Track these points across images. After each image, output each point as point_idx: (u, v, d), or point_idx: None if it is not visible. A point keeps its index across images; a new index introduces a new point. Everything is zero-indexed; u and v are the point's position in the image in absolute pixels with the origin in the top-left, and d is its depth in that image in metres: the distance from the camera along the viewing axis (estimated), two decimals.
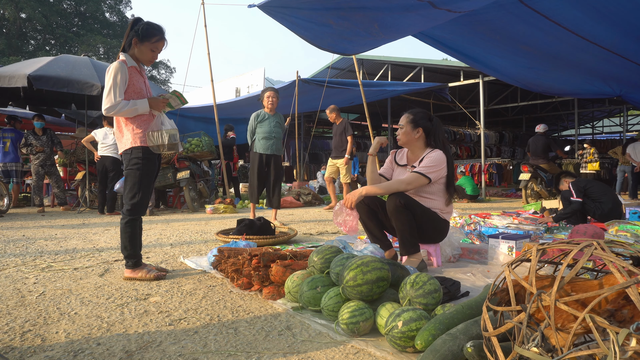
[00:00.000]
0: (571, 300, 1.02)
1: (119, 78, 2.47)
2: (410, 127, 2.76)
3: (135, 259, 2.60)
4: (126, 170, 2.60)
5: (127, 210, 2.58)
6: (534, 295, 1.07)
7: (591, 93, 8.75)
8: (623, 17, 4.62)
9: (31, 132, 7.35)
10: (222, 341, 1.67)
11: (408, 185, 2.60)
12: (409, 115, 2.80)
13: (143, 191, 2.58)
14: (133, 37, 2.54)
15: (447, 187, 2.73)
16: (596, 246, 1.09)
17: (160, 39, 2.56)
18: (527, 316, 1.06)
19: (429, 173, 2.61)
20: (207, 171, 8.72)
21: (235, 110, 11.37)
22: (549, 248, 1.19)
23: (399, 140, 2.82)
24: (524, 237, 3.18)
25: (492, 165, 12.90)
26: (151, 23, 2.55)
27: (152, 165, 2.62)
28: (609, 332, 0.92)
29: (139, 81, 2.60)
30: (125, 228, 2.58)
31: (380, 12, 4.10)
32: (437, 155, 2.67)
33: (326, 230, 4.86)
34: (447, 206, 2.75)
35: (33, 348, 1.61)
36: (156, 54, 2.60)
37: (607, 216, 4.23)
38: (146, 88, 2.66)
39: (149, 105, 2.55)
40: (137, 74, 2.60)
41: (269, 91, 5.24)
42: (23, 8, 26.20)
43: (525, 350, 1.03)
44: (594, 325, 0.95)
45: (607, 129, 23.33)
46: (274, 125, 5.15)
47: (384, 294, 1.86)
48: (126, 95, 2.52)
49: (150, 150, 2.57)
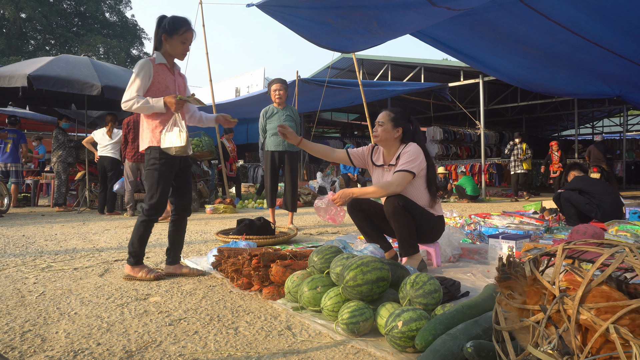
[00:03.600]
0: (596, 307, 0.97)
1: (141, 74, 2.48)
2: (391, 126, 2.70)
3: (138, 258, 2.60)
4: (145, 170, 2.61)
5: (145, 211, 2.58)
6: (556, 297, 1.03)
7: (591, 93, 8.76)
8: (623, 17, 4.62)
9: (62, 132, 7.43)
10: (222, 341, 1.67)
11: (398, 187, 2.56)
12: (390, 113, 2.74)
13: (161, 192, 2.55)
14: (162, 34, 2.54)
15: (428, 183, 2.70)
16: (628, 252, 1.02)
17: (187, 30, 2.54)
18: (545, 318, 1.02)
19: (412, 168, 2.58)
20: (207, 171, 8.72)
21: (235, 110, 11.34)
22: (575, 247, 1.13)
23: (377, 137, 2.75)
24: (524, 237, 3.18)
25: (492, 165, 12.90)
26: (176, 16, 2.55)
27: (171, 165, 2.58)
28: (632, 345, 0.88)
29: (167, 79, 2.58)
30: (139, 227, 2.58)
31: (379, 10, 4.10)
32: (413, 148, 2.65)
33: (326, 230, 4.86)
34: (434, 201, 2.72)
35: (33, 348, 1.61)
36: (187, 46, 2.58)
37: (607, 216, 4.23)
38: (176, 87, 2.63)
39: (164, 105, 2.51)
40: (165, 72, 2.59)
41: (276, 84, 4.74)
42: (23, 8, 26.22)
43: (540, 352, 1.00)
44: (617, 337, 0.91)
45: (607, 129, 23.32)
46: (284, 119, 4.66)
47: (384, 294, 1.85)
48: (150, 92, 2.52)
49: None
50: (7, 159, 7.60)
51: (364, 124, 18.12)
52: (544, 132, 22.44)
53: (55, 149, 7.36)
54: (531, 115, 17.58)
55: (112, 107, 8.17)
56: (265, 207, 7.51)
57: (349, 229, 4.83)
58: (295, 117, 4.84)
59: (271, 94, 4.76)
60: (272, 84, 4.78)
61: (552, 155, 10.61)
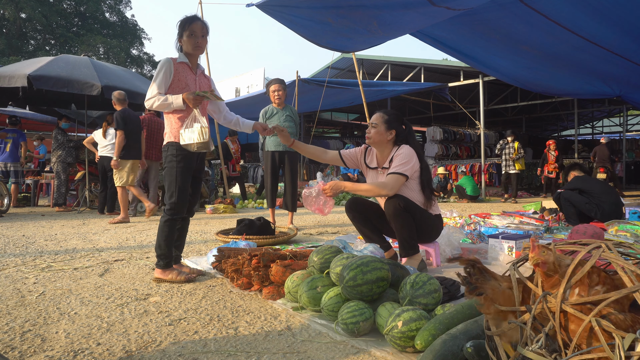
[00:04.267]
0: (578, 303, 1.00)
1: (162, 72, 2.51)
2: (384, 128, 2.68)
3: (167, 260, 2.56)
4: (164, 167, 2.59)
5: (167, 210, 2.56)
6: (539, 296, 1.06)
7: (591, 93, 8.75)
8: (623, 17, 4.62)
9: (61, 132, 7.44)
10: (222, 341, 1.67)
11: (391, 190, 2.54)
12: (384, 115, 2.72)
13: (180, 190, 2.54)
14: (179, 38, 2.59)
15: (422, 185, 2.68)
16: (604, 248, 1.07)
17: (190, 22, 2.55)
18: (531, 317, 1.05)
19: (404, 171, 2.56)
20: (207, 171, 8.72)
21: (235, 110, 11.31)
22: (556, 248, 1.17)
23: (370, 139, 2.72)
24: (524, 237, 3.18)
25: (492, 165, 12.89)
26: (184, 17, 2.58)
27: (189, 162, 2.57)
28: (615, 336, 0.91)
29: (187, 77, 2.59)
30: (163, 227, 2.55)
31: (379, 9, 4.10)
32: (406, 150, 2.63)
33: (326, 231, 4.86)
34: (429, 202, 2.71)
35: (33, 348, 1.61)
36: (197, 39, 2.56)
37: (607, 216, 4.23)
38: (197, 86, 2.63)
39: (182, 101, 2.50)
40: (186, 70, 2.60)
41: (274, 84, 4.73)
42: (23, 8, 26.22)
43: (528, 352, 1.03)
44: (600, 329, 0.93)
45: (607, 129, 23.33)
46: (284, 120, 4.64)
47: (384, 294, 1.85)
48: (171, 90, 2.54)
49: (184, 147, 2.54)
50: (7, 158, 7.60)
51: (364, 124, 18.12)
52: (544, 132, 22.44)
53: (54, 149, 7.36)
54: (531, 115, 17.59)
55: (112, 107, 8.17)
56: (265, 207, 7.51)
57: (349, 229, 4.83)
58: (295, 117, 4.83)
59: (270, 94, 4.75)
60: (270, 85, 4.77)
61: (549, 154, 10.42)
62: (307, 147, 2.95)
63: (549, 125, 21.87)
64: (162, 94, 2.50)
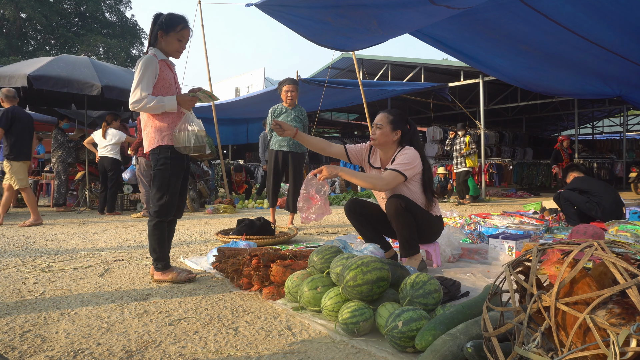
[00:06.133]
0: (572, 301, 1.01)
1: (148, 72, 2.39)
2: (390, 128, 2.65)
3: (165, 261, 2.54)
4: (154, 170, 2.50)
5: (154, 212, 2.49)
6: (534, 295, 1.07)
7: (591, 93, 8.74)
8: (623, 17, 4.61)
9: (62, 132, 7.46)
10: (222, 341, 1.67)
11: (386, 186, 2.52)
12: (389, 115, 2.68)
13: (170, 192, 2.49)
14: (158, 31, 2.48)
15: (424, 187, 2.67)
16: (597, 247, 1.09)
17: (184, 27, 2.49)
18: (527, 317, 1.05)
19: (404, 170, 2.53)
20: (207, 171, 8.72)
21: (235, 111, 11.35)
22: (549, 249, 1.19)
23: (375, 140, 2.69)
24: (524, 237, 3.18)
25: (492, 165, 12.88)
26: (173, 13, 2.50)
27: (180, 165, 2.53)
28: (609, 332, 0.92)
29: (169, 76, 2.53)
30: (153, 230, 2.50)
31: (379, 9, 4.10)
32: (410, 152, 2.60)
33: (326, 231, 4.86)
34: (430, 204, 2.69)
35: (33, 348, 1.60)
36: (183, 44, 2.52)
37: (608, 214, 4.22)
38: (176, 85, 2.58)
39: (176, 103, 2.44)
40: (167, 69, 2.53)
41: (288, 84, 4.67)
42: (23, 8, 26.21)
43: (525, 351, 1.03)
44: (594, 326, 0.94)
45: (607, 129, 23.31)
46: (291, 120, 4.61)
47: (384, 294, 1.85)
48: (155, 90, 2.44)
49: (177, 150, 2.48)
50: None
51: (364, 124, 18.12)
52: (544, 132, 22.43)
53: (54, 149, 7.36)
54: (531, 115, 17.57)
55: (112, 107, 8.17)
56: (266, 207, 7.51)
57: (349, 229, 4.83)
58: (304, 119, 4.79)
59: (282, 94, 4.70)
60: (283, 84, 4.72)
61: (562, 152, 9.33)
62: (311, 138, 2.89)
63: (549, 125, 21.85)
64: (152, 96, 2.40)
